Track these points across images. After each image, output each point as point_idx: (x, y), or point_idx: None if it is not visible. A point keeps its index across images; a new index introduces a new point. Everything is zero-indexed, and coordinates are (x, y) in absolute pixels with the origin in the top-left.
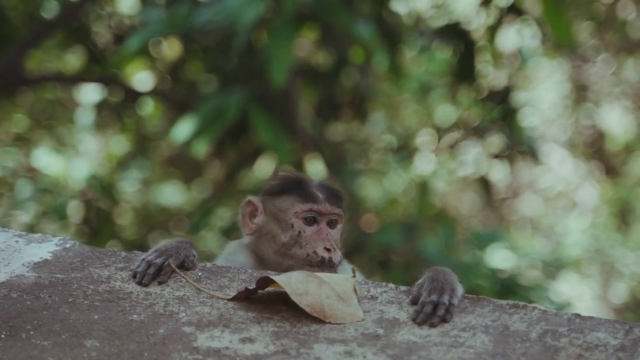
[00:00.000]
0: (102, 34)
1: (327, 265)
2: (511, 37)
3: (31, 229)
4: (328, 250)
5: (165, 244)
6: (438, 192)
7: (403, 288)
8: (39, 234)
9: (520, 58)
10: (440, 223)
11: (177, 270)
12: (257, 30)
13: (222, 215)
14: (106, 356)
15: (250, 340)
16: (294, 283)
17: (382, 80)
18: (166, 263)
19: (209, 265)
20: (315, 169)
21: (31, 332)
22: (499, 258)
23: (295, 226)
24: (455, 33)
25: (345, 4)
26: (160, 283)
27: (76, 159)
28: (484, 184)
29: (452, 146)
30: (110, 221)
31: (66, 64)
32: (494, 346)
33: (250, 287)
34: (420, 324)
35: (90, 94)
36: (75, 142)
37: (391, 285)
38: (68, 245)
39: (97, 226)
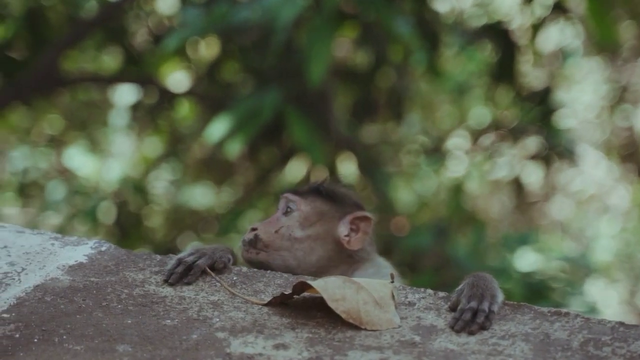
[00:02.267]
0: (139, 34)
1: (243, 243)
2: (552, 37)
3: (62, 230)
4: (250, 229)
5: (202, 245)
6: (470, 195)
7: (441, 294)
8: (75, 237)
9: (561, 58)
10: (472, 226)
11: (209, 271)
12: (295, 28)
13: (253, 218)
14: None
15: (284, 346)
16: (331, 288)
17: (419, 80)
18: (196, 263)
19: (244, 269)
20: (348, 170)
21: (64, 337)
22: (529, 261)
23: None
24: (495, 32)
25: (386, 2)
26: (187, 283)
27: (109, 160)
28: (517, 187)
29: (487, 148)
30: (141, 223)
31: (103, 64)
32: (533, 355)
33: (286, 292)
34: (458, 332)
35: (125, 95)
36: (108, 143)
37: (429, 291)
38: (103, 249)
39: (128, 228)
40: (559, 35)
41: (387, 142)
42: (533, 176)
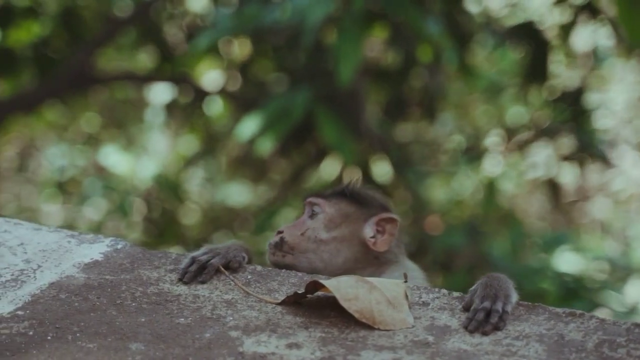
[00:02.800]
0: (173, 32)
1: (270, 246)
2: (585, 37)
3: (98, 227)
4: (276, 232)
5: (216, 244)
6: (506, 194)
7: (456, 294)
8: (91, 235)
9: (594, 58)
10: (507, 225)
11: (223, 270)
12: (326, 28)
13: (287, 216)
14: None
15: (297, 346)
16: (343, 288)
17: (452, 79)
18: (210, 262)
19: (259, 268)
20: (382, 169)
21: (77, 334)
22: (566, 261)
23: None
24: (527, 32)
25: (415, 2)
26: (202, 282)
27: (144, 158)
28: (553, 186)
29: (522, 147)
30: (175, 220)
31: (138, 63)
32: (547, 356)
33: (300, 292)
34: (472, 332)
35: (160, 93)
36: (144, 141)
37: (444, 291)
38: (119, 246)
39: (162, 225)
40: (591, 36)
41: (421, 141)
42: (569, 176)
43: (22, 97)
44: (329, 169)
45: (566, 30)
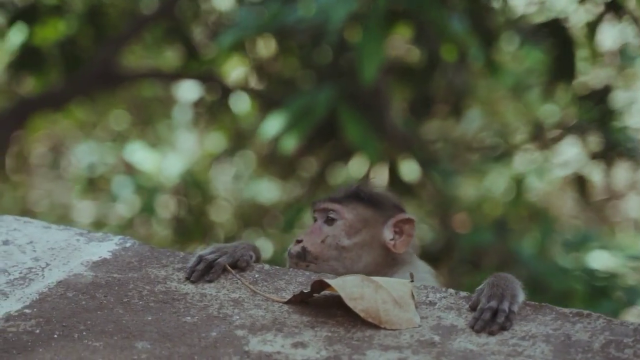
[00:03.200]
0: (199, 30)
1: (289, 257)
2: (612, 35)
3: (128, 225)
4: (295, 241)
5: (224, 243)
6: (534, 192)
7: (463, 294)
8: (101, 233)
9: (622, 57)
10: (536, 223)
11: (229, 269)
12: (350, 26)
13: None
14: (156, 359)
15: (303, 345)
16: (349, 287)
17: (478, 77)
18: (217, 261)
19: (266, 267)
20: (408, 168)
21: (84, 333)
22: (597, 260)
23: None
24: (553, 30)
25: (439, 1)
26: (209, 281)
27: (171, 155)
28: (582, 184)
29: (550, 145)
30: (203, 218)
31: (164, 60)
32: (553, 356)
33: (306, 291)
34: (478, 331)
35: (187, 90)
36: (171, 138)
37: (451, 290)
38: (128, 245)
39: (190, 223)
40: (617, 34)
41: (448, 139)
42: (598, 174)
43: (49, 95)
44: (356, 166)
45: (592, 28)
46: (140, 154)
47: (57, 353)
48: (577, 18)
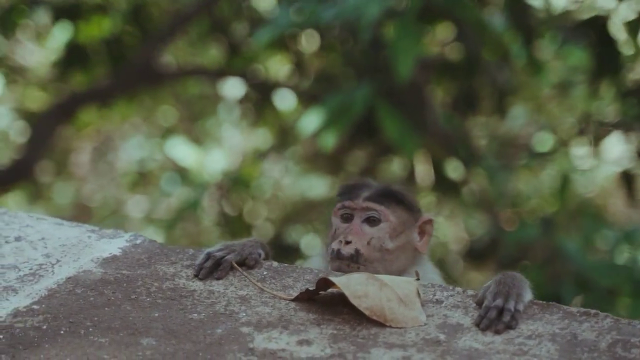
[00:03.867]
0: (240, 27)
1: (339, 258)
2: None
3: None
4: (341, 242)
5: (232, 241)
6: (582, 188)
7: (470, 292)
8: (112, 230)
9: None
10: (582, 220)
11: (237, 266)
12: (386, 23)
13: None
14: (161, 355)
15: (308, 342)
16: (353, 285)
17: (521, 74)
18: (225, 258)
19: (275, 264)
20: (453, 165)
21: (90, 329)
22: None
23: (333, 224)
24: (594, 27)
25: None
26: (217, 278)
27: (215, 152)
28: (629, 181)
29: (596, 141)
30: (248, 214)
31: (208, 57)
32: (559, 356)
33: (311, 288)
34: (483, 330)
35: (232, 87)
36: (215, 135)
37: (458, 289)
38: (138, 242)
39: (235, 219)
40: None
41: (493, 135)
42: None
43: (95, 91)
44: (401, 163)
45: (633, 26)
46: (183, 151)
47: (62, 349)
48: (619, 15)
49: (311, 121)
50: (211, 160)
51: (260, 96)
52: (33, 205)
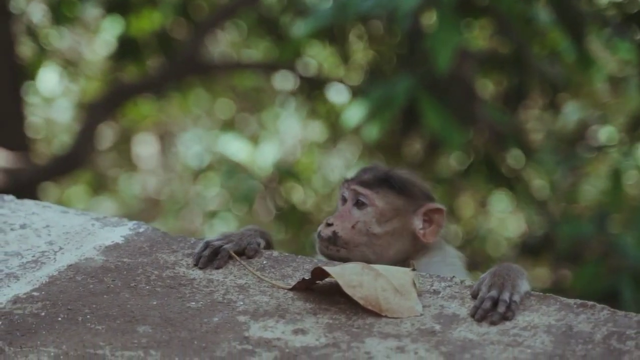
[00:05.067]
0: (288, 19)
1: (319, 239)
2: None
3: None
4: (324, 224)
5: (232, 230)
6: (635, 182)
7: (468, 283)
8: (116, 218)
9: None
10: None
11: (235, 256)
12: (424, 13)
13: None
14: (156, 343)
15: (303, 331)
16: (347, 274)
17: (571, 69)
18: (223, 247)
19: (275, 253)
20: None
21: (88, 316)
22: None
23: (337, 207)
24: None
25: None
26: (217, 268)
27: (268, 144)
28: None
29: None
30: (301, 206)
31: (257, 50)
32: (553, 347)
33: (307, 278)
34: (478, 321)
35: (284, 80)
36: (271, 128)
37: (456, 279)
38: (141, 230)
39: (288, 212)
40: None
41: (547, 130)
42: None
43: (146, 82)
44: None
45: None
46: (236, 144)
47: (59, 336)
48: None
49: (355, 113)
50: (264, 153)
51: (312, 89)
52: (97, 197)
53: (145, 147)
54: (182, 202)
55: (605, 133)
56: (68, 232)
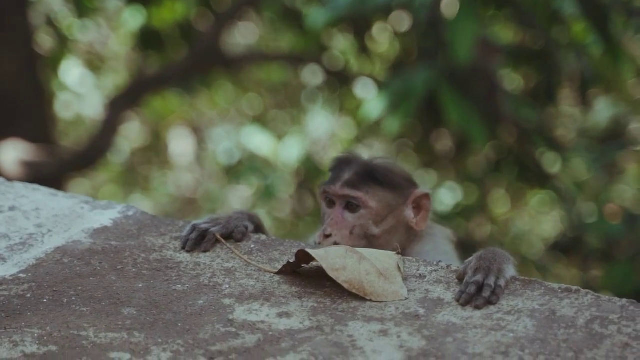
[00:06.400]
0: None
1: None
2: None
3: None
4: (320, 235)
5: (220, 213)
6: None
7: (454, 268)
8: (105, 201)
9: None
10: None
11: (221, 239)
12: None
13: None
14: (140, 325)
15: (288, 315)
16: (331, 258)
17: (600, 63)
18: (210, 230)
19: (263, 237)
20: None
21: (73, 298)
22: None
23: (323, 209)
24: None
25: None
26: (204, 251)
27: (294, 139)
28: None
29: None
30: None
31: (282, 42)
32: (536, 331)
33: (291, 261)
34: (463, 305)
35: (311, 75)
36: (299, 122)
37: (442, 264)
38: (130, 213)
39: (312, 206)
40: None
41: (578, 127)
42: None
43: (171, 73)
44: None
45: None
46: (260, 139)
47: (43, 317)
48: None
49: (375, 106)
50: (290, 148)
51: (340, 84)
52: (130, 195)
53: (177, 143)
54: (217, 200)
55: (637, 130)
56: (57, 214)
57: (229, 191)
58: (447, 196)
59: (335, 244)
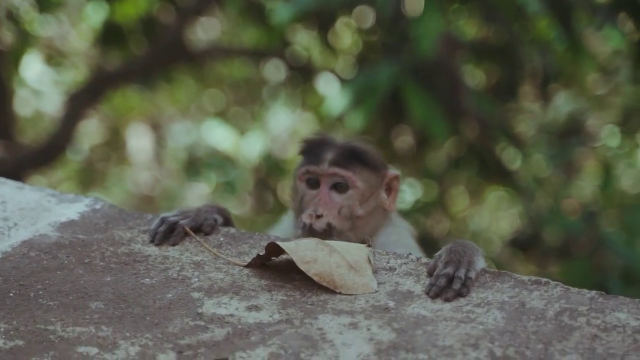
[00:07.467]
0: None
1: (311, 233)
2: None
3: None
4: (311, 216)
5: (189, 206)
6: (626, 178)
7: (424, 260)
8: (72, 194)
9: None
10: (627, 212)
11: (190, 232)
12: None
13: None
14: (108, 319)
15: (257, 308)
16: (301, 250)
17: (562, 59)
18: (179, 223)
19: (232, 230)
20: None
21: (40, 292)
22: None
23: (300, 190)
24: (630, 10)
25: None
26: (173, 244)
27: (254, 135)
28: None
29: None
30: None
31: (245, 37)
32: (505, 323)
33: (261, 254)
34: (433, 297)
35: (273, 70)
36: (260, 118)
37: (412, 257)
38: (98, 207)
39: (273, 203)
40: None
41: (537, 122)
42: None
43: (133, 69)
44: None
45: None
46: (221, 134)
47: (10, 312)
48: None
49: (338, 102)
50: (250, 144)
51: (302, 80)
52: (88, 192)
53: (136, 140)
54: (175, 198)
55: (596, 126)
56: (23, 208)
57: (188, 188)
58: (407, 193)
59: (329, 225)
